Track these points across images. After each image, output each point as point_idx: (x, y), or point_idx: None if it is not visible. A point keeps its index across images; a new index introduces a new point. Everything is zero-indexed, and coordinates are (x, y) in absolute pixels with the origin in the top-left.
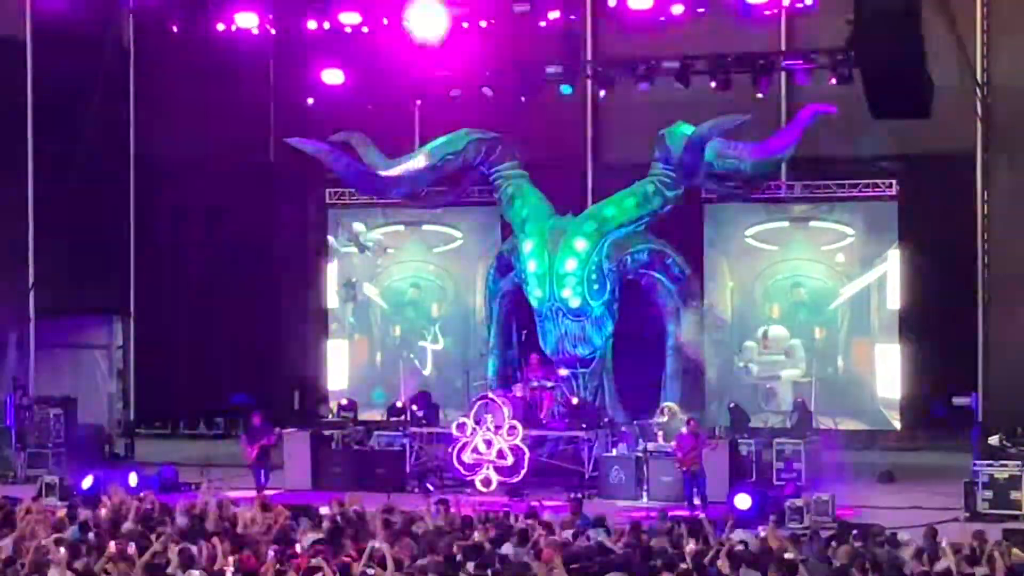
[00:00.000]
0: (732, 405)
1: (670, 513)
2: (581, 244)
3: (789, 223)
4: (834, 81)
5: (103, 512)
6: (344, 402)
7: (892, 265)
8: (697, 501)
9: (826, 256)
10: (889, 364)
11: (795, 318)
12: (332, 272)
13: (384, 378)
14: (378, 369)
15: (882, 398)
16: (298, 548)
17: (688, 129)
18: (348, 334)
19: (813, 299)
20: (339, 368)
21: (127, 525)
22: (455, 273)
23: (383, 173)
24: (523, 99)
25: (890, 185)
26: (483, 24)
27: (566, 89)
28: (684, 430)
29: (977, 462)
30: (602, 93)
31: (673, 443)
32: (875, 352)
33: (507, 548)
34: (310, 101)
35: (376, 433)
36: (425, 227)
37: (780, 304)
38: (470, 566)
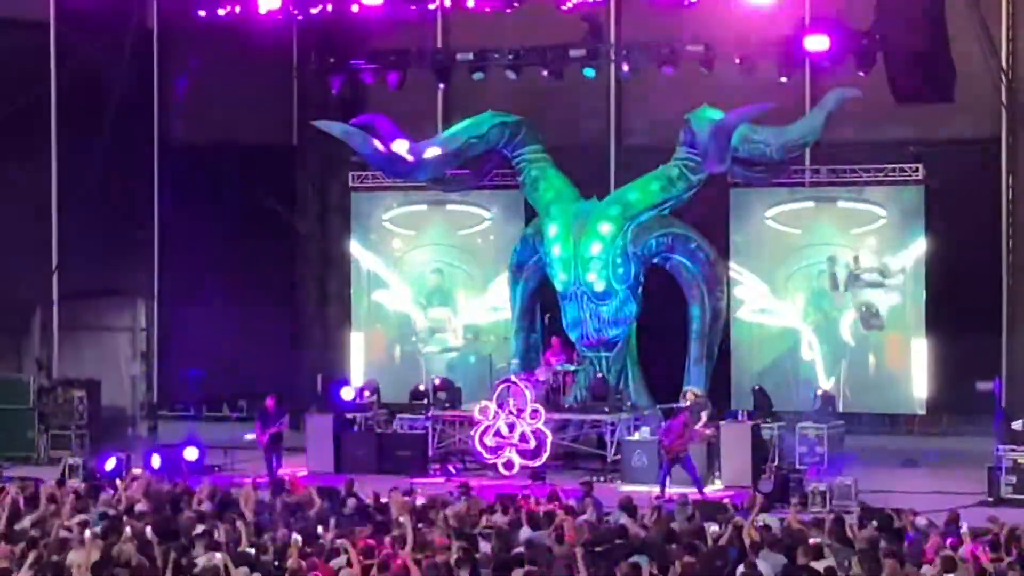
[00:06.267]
0: (756, 388)
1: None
2: (606, 228)
3: (815, 203)
4: (861, 72)
5: (126, 494)
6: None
7: (921, 251)
8: (694, 489)
9: (857, 240)
10: (919, 353)
11: (820, 307)
12: (355, 256)
13: (404, 366)
14: (397, 359)
15: (914, 394)
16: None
17: (713, 113)
18: (368, 323)
19: (842, 286)
20: (359, 358)
21: (148, 506)
22: (481, 257)
23: (408, 156)
24: (547, 82)
25: (916, 170)
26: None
27: (589, 72)
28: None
29: (1000, 447)
30: (625, 76)
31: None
32: (911, 346)
33: (525, 531)
34: (333, 84)
35: (399, 416)
36: (449, 207)
37: (805, 292)
38: (489, 549)
